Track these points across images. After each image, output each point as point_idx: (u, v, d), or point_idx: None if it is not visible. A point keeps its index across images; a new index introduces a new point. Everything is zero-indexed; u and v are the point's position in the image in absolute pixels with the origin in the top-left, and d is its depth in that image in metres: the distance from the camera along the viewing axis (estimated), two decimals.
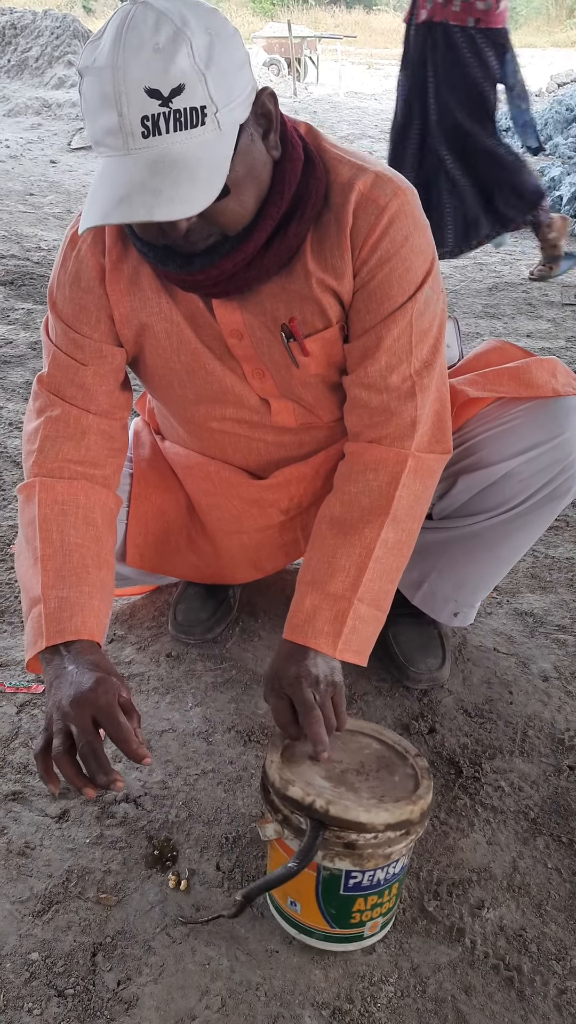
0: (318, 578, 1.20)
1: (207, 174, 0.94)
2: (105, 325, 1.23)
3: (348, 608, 1.17)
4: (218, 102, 0.93)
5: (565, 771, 1.41)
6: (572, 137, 8.02)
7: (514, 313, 4.04)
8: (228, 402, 1.31)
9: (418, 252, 1.15)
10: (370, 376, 1.20)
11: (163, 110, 0.90)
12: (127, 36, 0.89)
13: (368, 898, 1.05)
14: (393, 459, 1.21)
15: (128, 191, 0.92)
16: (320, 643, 1.15)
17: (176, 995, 1.05)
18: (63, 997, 1.04)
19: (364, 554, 1.19)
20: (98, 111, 0.92)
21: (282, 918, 1.12)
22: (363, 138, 9.10)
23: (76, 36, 10.93)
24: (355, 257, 1.14)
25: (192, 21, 0.91)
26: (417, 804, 1.01)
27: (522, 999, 1.07)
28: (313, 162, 1.11)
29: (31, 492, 1.23)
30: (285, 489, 1.42)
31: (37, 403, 1.27)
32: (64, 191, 6.37)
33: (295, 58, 14.50)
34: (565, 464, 1.31)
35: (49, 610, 1.13)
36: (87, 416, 1.26)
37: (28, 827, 1.27)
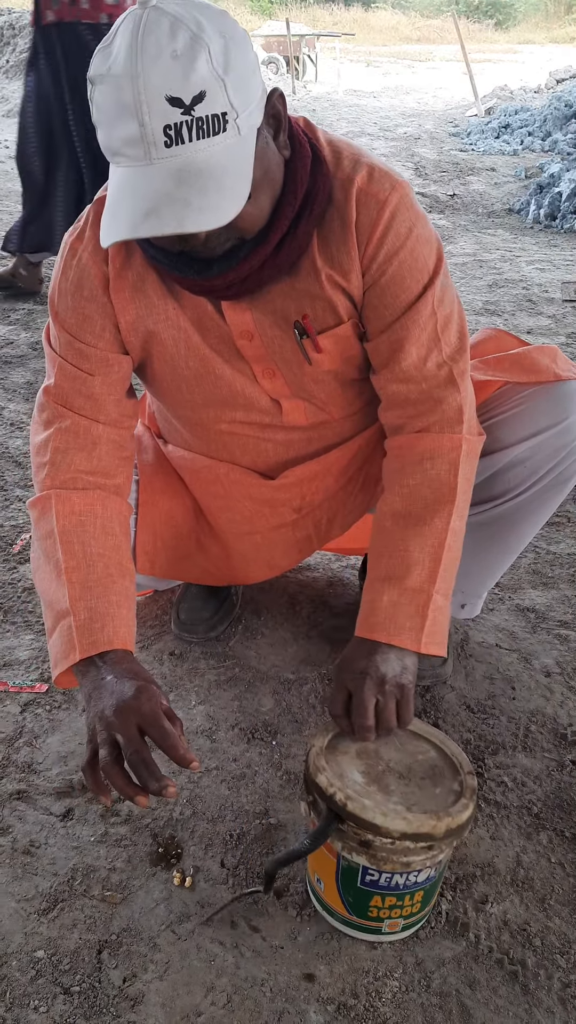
0: (393, 573, 1.19)
1: (232, 181, 0.94)
2: (110, 333, 1.21)
3: (428, 601, 1.17)
4: (238, 107, 0.92)
5: (568, 766, 1.42)
6: (571, 133, 8.01)
7: (514, 310, 4.04)
8: (238, 405, 1.30)
9: (424, 242, 1.16)
10: (404, 370, 1.20)
11: (186, 118, 0.89)
12: (144, 42, 0.87)
13: (386, 898, 1.06)
14: (448, 445, 1.22)
15: (155, 203, 0.91)
16: (404, 639, 1.15)
17: (182, 991, 1.06)
18: (69, 995, 1.05)
19: (437, 544, 1.19)
20: (115, 120, 0.91)
21: (311, 891, 1.15)
22: (362, 135, 9.09)
23: None
24: (362, 254, 1.14)
25: (207, 26, 0.89)
26: (442, 821, 0.98)
27: (526, 993, 1.07)
28: (319, 159, 1.11)
29: (47, 505, 1.21)
30: (297, 488, 1.42)
31: (44, 415, 1.25)
32: None
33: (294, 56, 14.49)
34: (570, 448, 1.32)
35: (79, 622, 1.11)
36: (97, 426, 1.24)
37: (33, 826, 1.27)
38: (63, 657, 1.11)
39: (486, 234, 5.72)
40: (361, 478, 1.46)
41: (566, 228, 5.82)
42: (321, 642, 1.71)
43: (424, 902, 1.09)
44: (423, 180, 7.23)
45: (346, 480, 1.44)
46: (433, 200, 6.59)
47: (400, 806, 1.01)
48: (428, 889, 1.07)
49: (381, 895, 1.06)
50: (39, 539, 1.21)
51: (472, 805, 1.02)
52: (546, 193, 6.20)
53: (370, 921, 1.09)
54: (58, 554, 1.17)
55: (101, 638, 1.11)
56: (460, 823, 1.00)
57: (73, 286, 1.19)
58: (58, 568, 1.16)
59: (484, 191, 6.89)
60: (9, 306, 3.73)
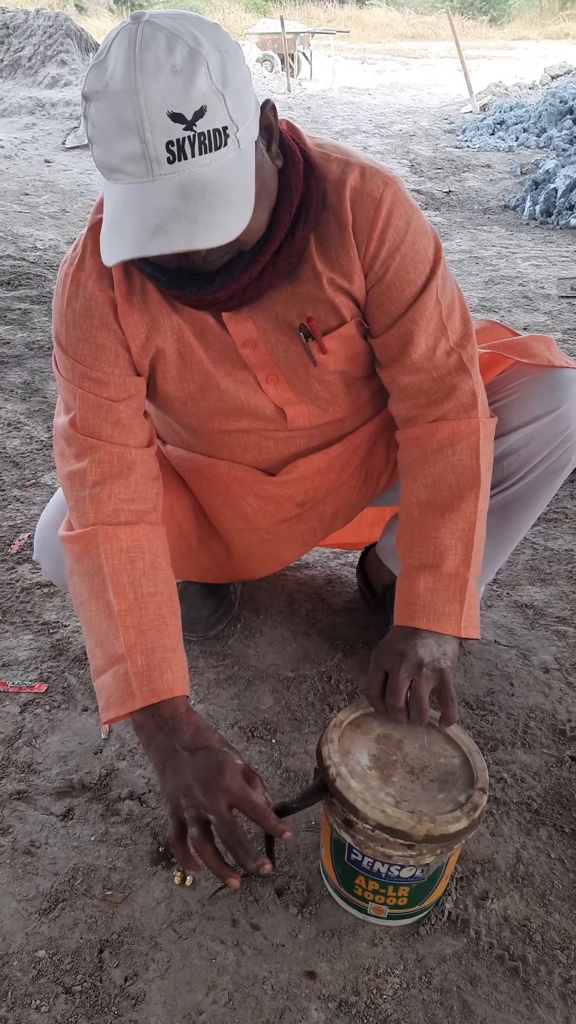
0: (427, 561, 1.20)
1: (237, 196, 0.93)
2: (124, 359, 1.20)
3: (464, 585, 1.19)
4: (237, 121, 0.92)
5: (567, 762, 1.42)
6: (566, 129, 8.03)
7: (510, 306, 4.04)
8: (243, 415, 1.30)
9: (423, 234, 1.17)
10: (416, 361, 1.21)
11: (188, 134, 0.88)
12: (142, 58, 0.86)
13: (369, 881, 1.07)
14: (467, 430, 1.23)
15: (162, 219, 0.90)
16: (445, 625, 1.16)
17: (183, 990, 1.06)
18: (70, 994, 1.05)
19: (468, 529, 1.21)
20: (114, 137, 0.89)
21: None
22: (357, 133, 9.09)
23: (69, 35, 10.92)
24: (364, 253, 1.14)
25: (203, 40, 0.89)
26: (421, 825, 0.98)
27: (527, 989, 1.07)
28: (311, 164, 1.11)
29: (92, 542, 1.18)
30: (299, 484, 1.42)
31: (73, 448, 1.21)
32: (59, 190, 6.37)
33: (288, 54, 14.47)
34: (564, 436, 1.32)
35: (137, 668, 1.11)
36: (130, 451, 1.22)
37: (33, 826, 1.27)
38: (119, 702, 1.11)
39: (482, 231, 5.72)
40: (363, 471, 1.46)
41: (562, 224, 5.82)
42: (320, 640, 1.71)
43: (413, 899, 1.09)
44: (419, 177, 7.23)
45: (348, 474, 1.44)
46: (429, 197, 6.59)
47: (390, 798, 1.01)
48: (415, 888, 1.07)
49: (364, 877, 1.07)
50: (84, 575, 1.19)
51: (466, 821, 0.99)
52: (541, 189, 6.21)
53: (356, 899, 1.11)
54: (108, 595, 1.15)
55: (161, 686, 1.11)
56: (444, 832, 0.98)
57: (81, 316, 1.16)
58: (109, 609, 1.15)
59: (480, 188, 6.90)
60: (5, 306, 3.72)
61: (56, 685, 1.56)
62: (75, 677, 1.58)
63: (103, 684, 1.14)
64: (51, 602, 1.80)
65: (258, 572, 1.61)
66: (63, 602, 1.80)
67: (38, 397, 2.86)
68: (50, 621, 1.74)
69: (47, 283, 4.07)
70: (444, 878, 1.10)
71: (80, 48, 11.00)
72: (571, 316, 3.86)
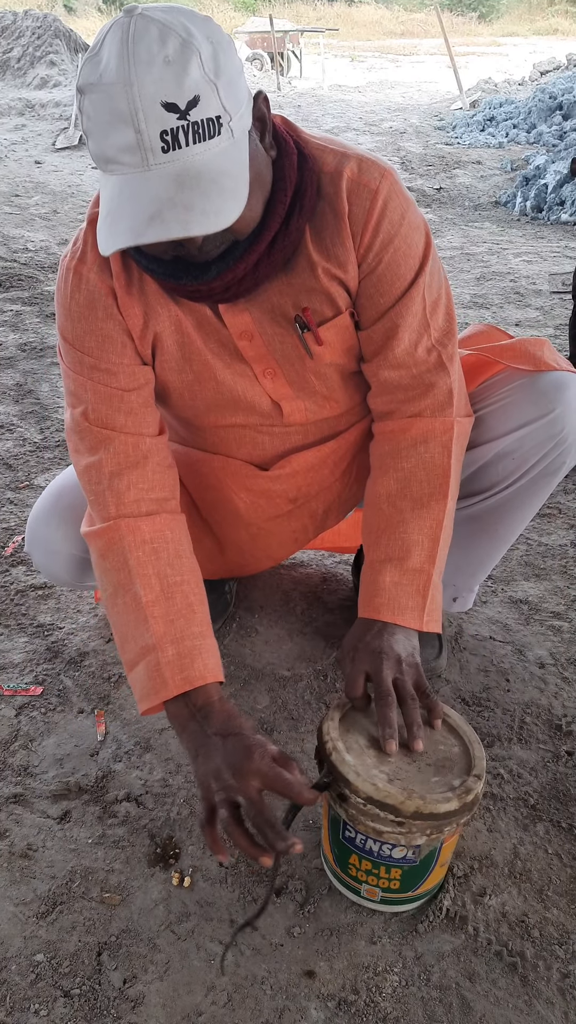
0: (393, 555, 1.21)
1: (232, 183, 0.94)
2: (130, 348, 1.20)
3: (428, 581, 1.20)
4: (230, 110, 0.93)
5: (563, 757, 1.42)
6: (556, 125, 8.03)
7: (502, 302, 4.05)
8: (239, 409, 1.30)
9: (415, 227, 1.17)
10: (397, 356, 1.22)
11: (181, 123, 0.89)
12: (135, 50, 0.87)
13: (362, 860, 1.08)
14: (440, 429, 1.24)
15: (158, 207, 0.91)
16: (407, 619, 1.17)
17: (182, 991, 1.06)
18: (69, 997, 1.05)
19: (435, 526, 1.22)
20: (109, 128, 0.90)
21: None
22: (348, 131, 9.09)
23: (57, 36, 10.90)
24: (358, 243, 1.14)
25: (195, 31, 0.90)
26: (411, 800, 0.98)
27: (526, 984, 1.07)
28: (304, 155, 1.12)
29: (115, 536, 1.18)
30: (292, 479, 1.42)
31: (87, 441, 1.21)
32: (50, 191, 6.36)
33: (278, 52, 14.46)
34: (558, 439, 1.32)
35: (168, 658, 1.12)
36: (144, 440, 1.22)
37: (30, 829, 1.27)
38: (153, 692, 1.12)
39: (473, 227, 5.73)
40: (356, 468, 1.46)
41: (552, 220, 5.83)
42: (316, 638, 1.71)
43: (405, 884, 1.09)
44: (409, 174, 7.23)
45: (341, 471, 1.44)
46: (420, 194, 6.59)
47: (383, 775, 1.02)
48: (408, 871, 1.08)
49: (358, 855, 1.08)
50: (108, 571, 1.19)
51: (457, 803, 0.99)
52: (532, 185, 6.21)
53: (350, 879, 1.13)
54: (135, 587, 1.16)
55: (193, 674, 1.12)
56: (433, 811, 0.99)
57: (85, 309, 1.17)
58: (137, 602, 1.15)
59: (470, 184, 6.90)
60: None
61: (51, 687, 1.56)
62: (70, 679, 1.58)
63: (136, 677, 1.15)
64: (46, 604, 1.79)
65: (249, 568, 1.61)
66: (58, 604, 1.80)
67: (31, 399, 2.85)
68: (45, 623, 1.74)
69: (39, 284, 4.06)
70: (438, 867, 1.10)
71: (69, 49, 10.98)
72: (563, 311, 3.86)
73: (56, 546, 1.44)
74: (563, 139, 7.47)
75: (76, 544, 1.41)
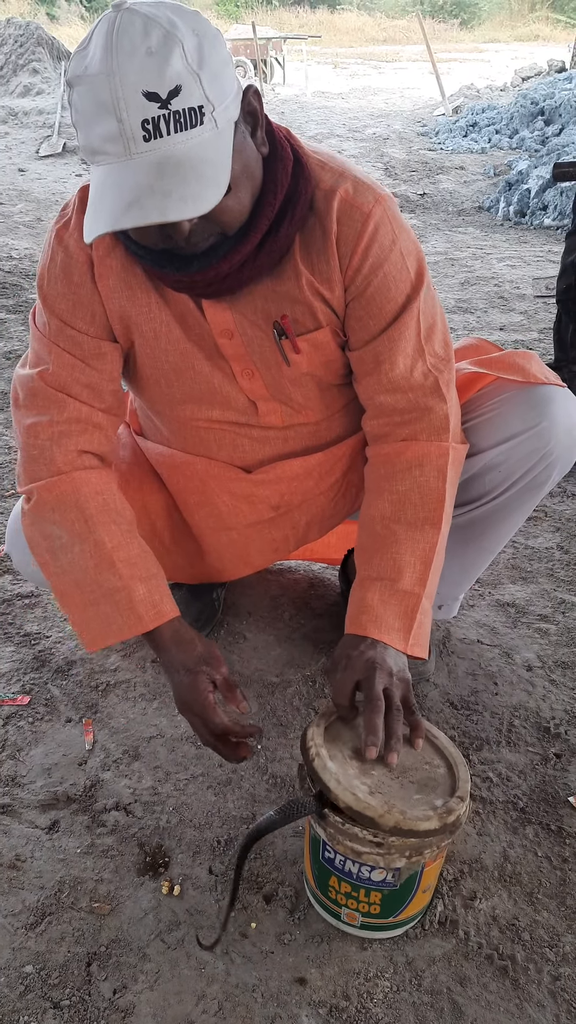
0: (384, 574, 1.20)
1: (212, 171, 0.95)
2: (100, 320, 1.22)
3: (417, 604, 1.19)
4: (214, 101, 0.93)
5: (552, 759, 1.42)
6: (538, 131, 8.08)
7: (487, 307, 4.06)
8: (215, 403, 1.31)
9: (408, 253, 1.18)
10: (393, 380, 1.22)
11: (163, 112, 0.90)
12: (118, 41, 0.89)
13: (341, 882, 1.07)
14: (435, 453, 1.24)
15: (137, 195, 0.92)
16: (392, 638, 1.16)
17: (172, 1001, 1.05)
18: (59, 1008, 1.04)
19: (428, 549, 1.21)
20: (94, 119, 0.92)
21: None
22: (331, 137, 9.11)
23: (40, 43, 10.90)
24: (346, 265, 1.15)
25: (179, 24, 0.91)
26: (390, 814, 0.97)
27: (517, 987, 1.07)
28: (301, 163, 1.12)
29: (69, 487, 1.23)
30: (275, 485, 1.42)
31: (37, 400, 1.25)
32: (34, 199, 6.34)
33: (261, 59, 14.48)
34: (544, 452, 1.32)
35: (140, 596, 1.21)
36: (97, 413, 1.26)
37: (18, 839, 1.26)
38: (126, 627, 1.21)
39: (457, 232, 5.75)
40: (343, 485, 1.46)
41: (535, 224, 5.86)
42: (304, 644, 1.71)
43: (386, 909, 1.08)
44: (393, 180, 7.26)
45: (327, 486, 1.44)
46: (403, 200, 6.62)
47: (364, 786, 1.01)
48: (388, 896, 1.06)
49: (337, 877, 1.07)
50: (59, 522, 1.24)
51: (437, 823, 0.98)
52: (515, 190, 6.25)
53: (330, 902, 1.11)
54: (97, 534, 1.22)
55: (164, 609, 1.23)
56: (412, 828, 0.97)
57: (62, 272, 1.20)
58: (99, 548, 1.22)
59: (454, 189, 6.93)
60: None
61: (39, 697, 1.55)
62: (58, 688, 1.57)
63: (98, 614, 1.22)
64: (32, 613, 1.79)
65: (228, 574, 1.60)
66: (44, 613, 1.79)
67: None
68: (32, 632, 1.73)
69: (23, 292, 4.05)
70: (420, 893, 1.08)
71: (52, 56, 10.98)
72: (546, 315, 3.88)
73: None
74: (545, 144, 7.51)
75: None
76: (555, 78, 9.78)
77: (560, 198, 5.85)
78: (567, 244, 2.80)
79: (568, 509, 2.23)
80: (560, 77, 9.61)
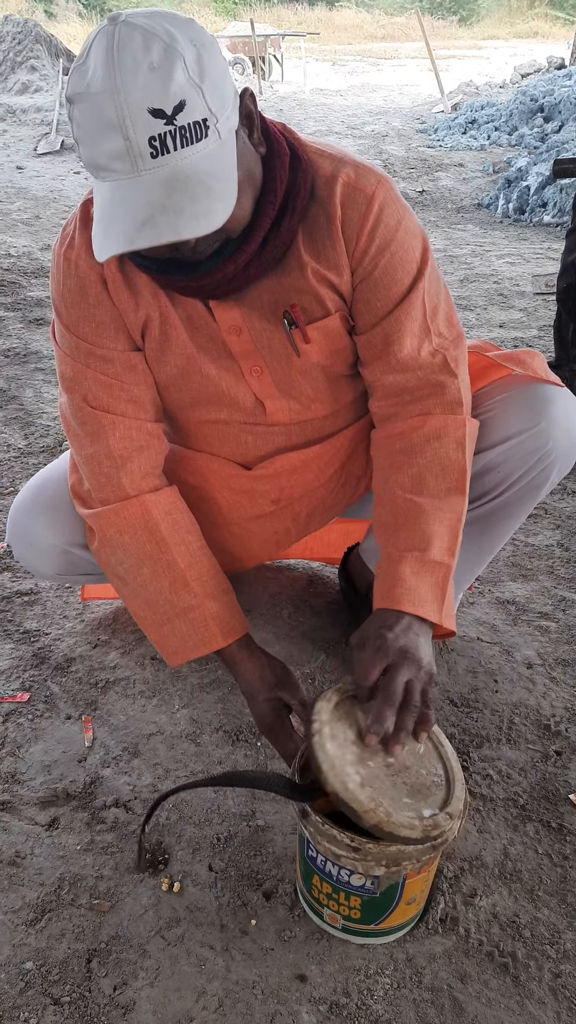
0: (413, 545, 1.18)
1: (220, 185, 0.95)
2: (124, 334, 1.23)
3: (448, 574, 1.17)
4: (216, 112, 0.94)
5: (552, 756, 1.42)
6: (537, 128, 8.07)
7: (486, 304, 4.06)
8: (223, 405, 1.31)
9: (413, 234, 1.18)
10: (401, 360, 1.22)
11: (169, 128, 0.90)
12: (120, 57, 0.89)
13: (323, 883, 1.06)
14: (453, 425, 1.23)
15: (149, 213, 0.93)
16: (427, 611, 1.14)
17: (173, 997, 1.05)
18: (59, 1005, 1.04)
19: (455, 520, 1.20)
20: (99, 136, 0.92)
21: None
22: (330, 134, 9.10)
23: (38, 41, 10.87)
24: (353, 248, 1.15)
25: (178, 36, 0.91)
26: (375, 812, 0.94)
27: (517, 984, 1.07)
28: (298, 156, 1.12)
29: (140, 511, 1.28)
30: (275, 480, 1.42)
31: (88, 427, 1.27)
32: (32, 197, 6.33)
33: (259, 57, 14.47)
34: (543, 453, 1.31)
35: (212, 613, 1.27)
36: (146, 425, 1.29)
37: (18, 836, 1.26)
38: (202, 643, 1.27)
39: (456, 229, 5.75)
40: (343, 475, 1.46)
41: (535, 221, 5.86)
42: (303, 642, 1.70)
43: (366, 915, 1.06)
44: (392, 177, 7.23)
45: (327, 477, 1.44)
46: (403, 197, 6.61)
47: (358, 776, 0.97)
48: (368, 902, 1.05)
49: (320, 877, 1.07)
50: (129, 545, 1.28)
51: (420, 832, 0.95)
52: (514, 187, 6.24)
53: (313, 900, 1.11)
54: (169, 555, 1.28)
55: (235, 625, 1.29)
56: (393, 831, 0.94)
57: (77, 295, 1.20)
58: (172, 568, 1.28)
59: (453, 187, 6.93)
60: None
61: (38, 694, 1.55)
62: (57, 685, 1.57)
63: (172, 631, 1.28)
64: (31, 611, 1.78)
65: (227, 567, 1.59)
66: (44, 610, 1.79)
67: (14, 405, 2.84)
68: (31, 629, 1.72)
69: (21, 290, 4.05)
70: (403, 904, 1.06)
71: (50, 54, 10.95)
72: (546, 313, 3.88)
73: (37, 538, 1.44)
74: (544, 141, 7.51)
75: (59, 535, 1.41)
76: (554, 75, 9.78)
77: (560, 195, 5.84)
78: (567, 242, 2.80)
79: (568, 506, 2.23)
80: (560, 74, 9.60)
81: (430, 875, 1.08)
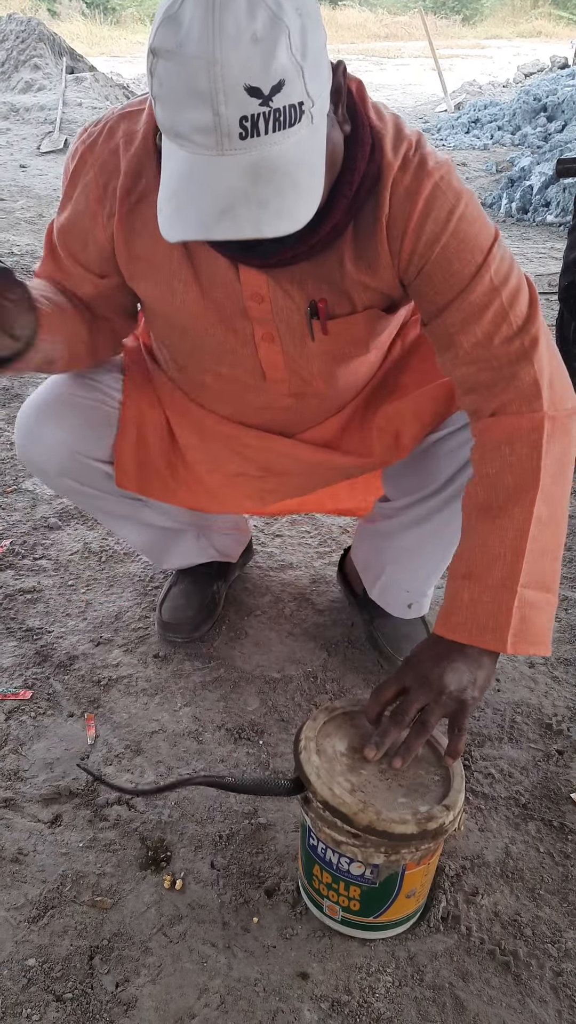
0: (474, 570, 1.11)
1: (307, 178, 0.89)
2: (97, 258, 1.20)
3: (512, 597, 1.07)
4: (313, 96, 0.85)
5: (554, 755, 1.42)
6: (540, 127, 8.07)
7: None
8: (224, 361, 1.27)
9: (471, 220, 1.09)
10: (468, 351, 1.13)
11: (263, 110, 0.82)
12: (221, 19, 0.79)
13: (323, 872, 1.07)
14: (527, 426, 1.12)
15: (230, 201, 0.86)
16: (486, 640, 1.07)
17: (175, 994, 1.05)
18: (61, 1002, 1.04)
19: (518, 536, 1.09)
20: (184, 104, 0.83)
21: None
22: None
23: (42, 39, 10.86)
24: (399, 248, 1.09)
25: (284, 2, 0.82)
26: (365, 812, 0.96)
27: (519, 983, 1.08)
28: (376, 147, 1.05)
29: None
30: (265, 454, 1.41)
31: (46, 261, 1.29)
32: (35, 195, 6.33)
33: None
34: None
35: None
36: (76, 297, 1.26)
37: (20, 833, 1.26)
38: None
39: None
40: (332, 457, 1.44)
41: (538, 221, 5.85)
42: (305, 640, 1.71)
43: (365, 907, 1.07)
44: None
45: (315, 460, 1.43)
46: None
47: (347, 783, 1.00)
48: (367, 892, 1.05)
49: (320, 866, 1.07)
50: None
51: (415, 828, 0.96)
52: (517, 187, 6.23)
53: (313, 891, 1.12)
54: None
55: None
56: (387, 829, 0.95)
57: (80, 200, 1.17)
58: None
59: None
60: None
61: (41, 691, 1.55)
62: (60, 683, 1.57)
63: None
64: (34, 608, 1.79)
65: (215, 508, 1.56)
66: (47, 608, 1.79)
67: (17, 403, 2.84)
68: (34, 627, 1.73)
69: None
70: (403, 897, 1.07)
71: (53, 53, 10.95)
72: (548, 312, 3.88)
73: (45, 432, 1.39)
74: (548, 140, 7.50)
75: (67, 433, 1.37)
76: (558, 74, 9.76)
77: (563, 195, 5.83)
78: (569, 241, 2.79)
79: (568, 507, 2.23)
80: (563, 73, 9.58)
81: (430, 870, 1.09)
